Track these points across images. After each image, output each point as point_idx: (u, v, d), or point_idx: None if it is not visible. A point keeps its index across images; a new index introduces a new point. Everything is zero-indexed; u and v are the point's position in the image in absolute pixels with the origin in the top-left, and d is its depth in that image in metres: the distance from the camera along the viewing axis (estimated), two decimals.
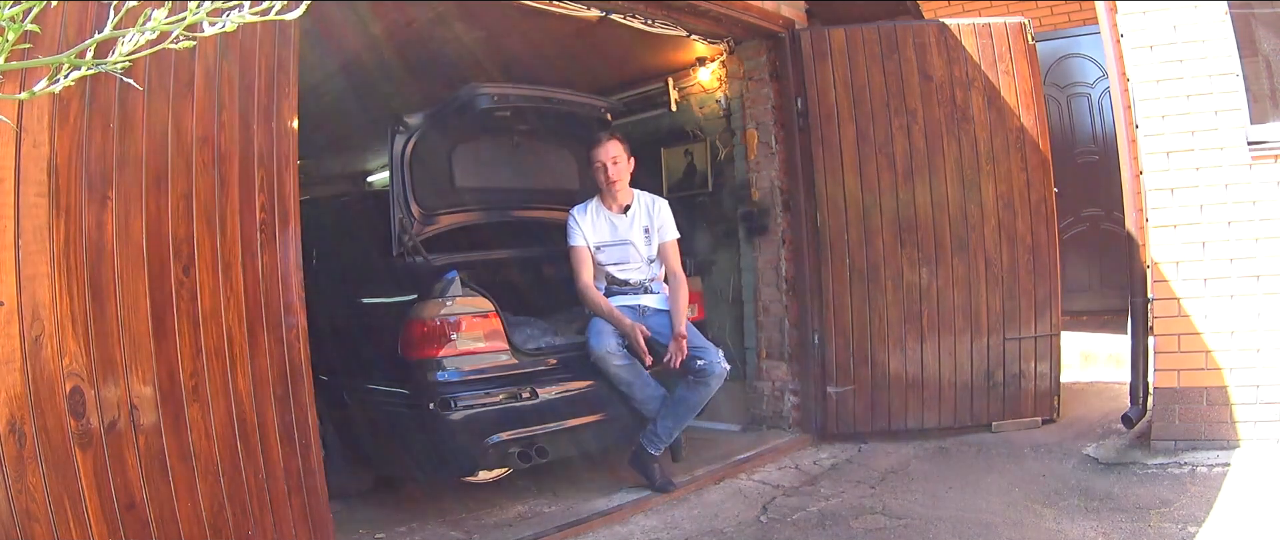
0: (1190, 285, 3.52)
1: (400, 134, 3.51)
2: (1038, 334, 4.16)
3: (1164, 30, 3.54)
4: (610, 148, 3.56)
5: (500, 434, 3.14)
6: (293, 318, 2.45)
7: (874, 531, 2.97)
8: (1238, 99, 3.45)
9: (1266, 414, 3.40)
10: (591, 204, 3.65)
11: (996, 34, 4.16)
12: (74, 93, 2.00)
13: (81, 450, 1.97)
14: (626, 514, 3.30)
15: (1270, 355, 3.40)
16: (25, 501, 1.87)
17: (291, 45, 2.48)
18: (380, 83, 4.72)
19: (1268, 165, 3.41)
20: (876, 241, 4.20)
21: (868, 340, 4.21)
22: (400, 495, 3.71)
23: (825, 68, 4.22)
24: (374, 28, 3.80)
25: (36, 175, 1.93)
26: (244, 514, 2.29)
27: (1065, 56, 5.88)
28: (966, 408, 4.18)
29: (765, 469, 3.85)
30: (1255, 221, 3.42)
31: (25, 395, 1.89)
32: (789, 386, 4.42)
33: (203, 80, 2.26)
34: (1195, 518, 2.82)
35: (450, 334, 3.12)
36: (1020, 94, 4.14)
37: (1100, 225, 5.82)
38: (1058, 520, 2.93)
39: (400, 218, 3.44)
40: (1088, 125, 5.91)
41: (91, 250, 2.03)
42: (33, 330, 1.91)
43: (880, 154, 4.17)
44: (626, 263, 3.61)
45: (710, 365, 3.41)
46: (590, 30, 4.00)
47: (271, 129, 2.42)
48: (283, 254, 2.44)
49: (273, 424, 2.38)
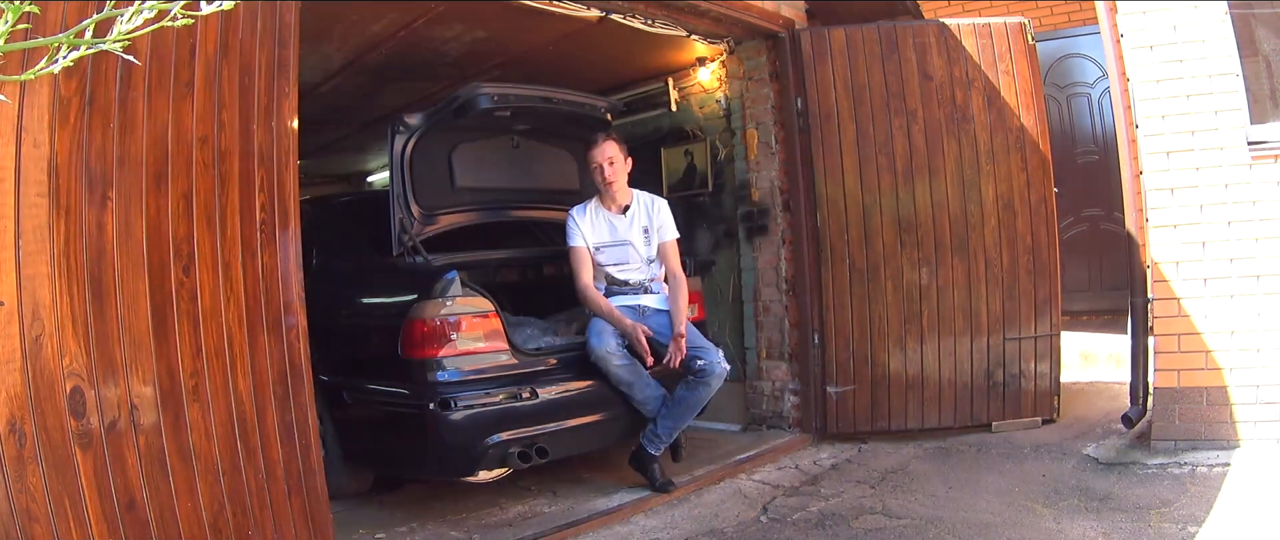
0: (1190, 285, 3.52)
1: (400, 134, 3.51)
2: (1038, 334, 4.16)
3: (1164, 30, 3.54)
4: (607, 148, 3.55)
5: (500, 434, 3.13)
6: (293, 318, 2.45)
7: (874, 531, 2.97)
8: (1238, 99, 3.45)
9: (1266, 414, 3.40)
10: (590, 204, 3.65)
11: (996, 34, 4.16)
12: (74, 93, 2.00)
13: (81, 450, 1.98)
14: (626, 514, 3.30)
15: (1270, 355, 3.40)
16: (25, 501, 1.87)
17: (291, 45, 2.48)
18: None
19: (1268, 165, 3.41)
20: (876, 241, 4.20)
21: (868, 340, 4.21)
22: (400, 495, 3.71)
23: (825, 68, 4.22)
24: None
25: (37, 175, 1.93)
26: (244, 514, 2.29)
27: (1065, 56, 5.88)
28: (966, 408, 4.18)
29: (765, 469, 3.85)
30: (1255, 221, 3.42)
31: (25, 395, 1.89)
32: (789, 386, 4.42)
33: (203, 80, 2.26)
34: (1195, 518, 2.82)
35: (450, 334, 3.12)
36: (1020, 94, 4.15)
37: (1100, 225, 5.83)
38: (1058, 520, 2.93)
39: (400, 218, 3.44)
40: (1088, 125, 5.91)
41: (91, 250, 2.03)
42: (33, 330, 1.91)
43: (880, 154, 4.17)
44: (626, 263, 3.60)
45: (710, 365, 3.41)
46: (590, 30, 4.00)
47: (271, 129, 2.42)
48: (283, 254, 2.44)
49: (273, 424, 2.38)
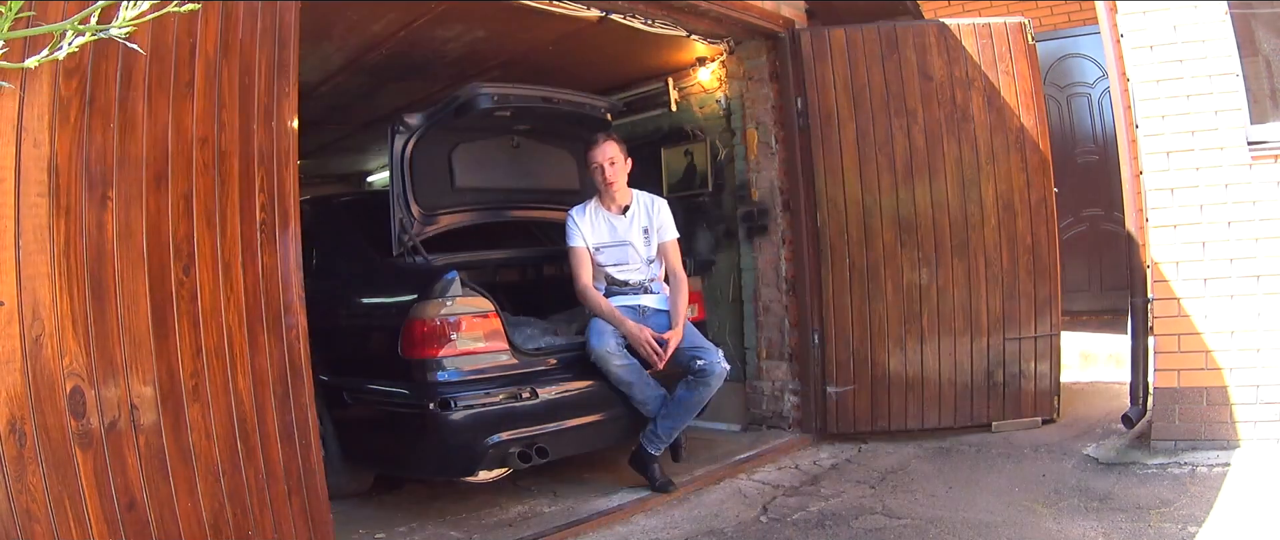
0: (1190, 285, 3.52)
1: (400, 134, 3.51)
2: (1038, 334, 4.16)
3: (1164, 30, 3.54)
4: (607, 148, 3.55)
5: (500, 434, 3.13)
6: (293, 318, 2.45)
7: (874, 531, 2.97)
8: (1238, 99, 3.45)
9: (1266, 414, 3.40)
10: (590, 205, 3.65)
11: (996, 34, 4.16)
12: (74, 93, 2.00)
13: (81, 450, 1.98)
14: (626, 514, 3.30)
15: (1270, 355, 3.40)
16: (25, 501, 1.87)
17: (292, 46, 2.48)
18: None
19: (1268, 165, 3.41)
20: (876, 241, 4.19)
21: (868, 340, 4.21)
22: (400, 495, 3.71)
23: (825, 68, 4.22)
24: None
25: (37, 175, 1.93)
26: (244, 514, 2.29)
27: (1065, 56, 5.88)
28: (966, 408, 4.18)
29: (765, 469, 3.85)
30: (1255, 221, 3.42)
31: (25, 395, 1.89)
32: (789, 386, 4.42)
33: (203, 80, 2.26)
34: (1195, 518, 2.82)
35: (450, 334, 3.12)
36: (1020, 94, 4.14)
37: (1100, 225, 5.83)
38: (1058, 520, 2.93)
39: (400, 218, 3.44)
40: (1088, 125, 5.91)
41: (91, 250, 2.03)
42: (33, 330, 1.91)
43: (880, 154, 4.17)
44: (626, 264, 3.60)
45: (710, 365, 3.41)
46: (590, 30, 3.99)
47: (271, 129, 2.42)
48: (283, 254, 2.44)
49: (273, 424, 2.38)
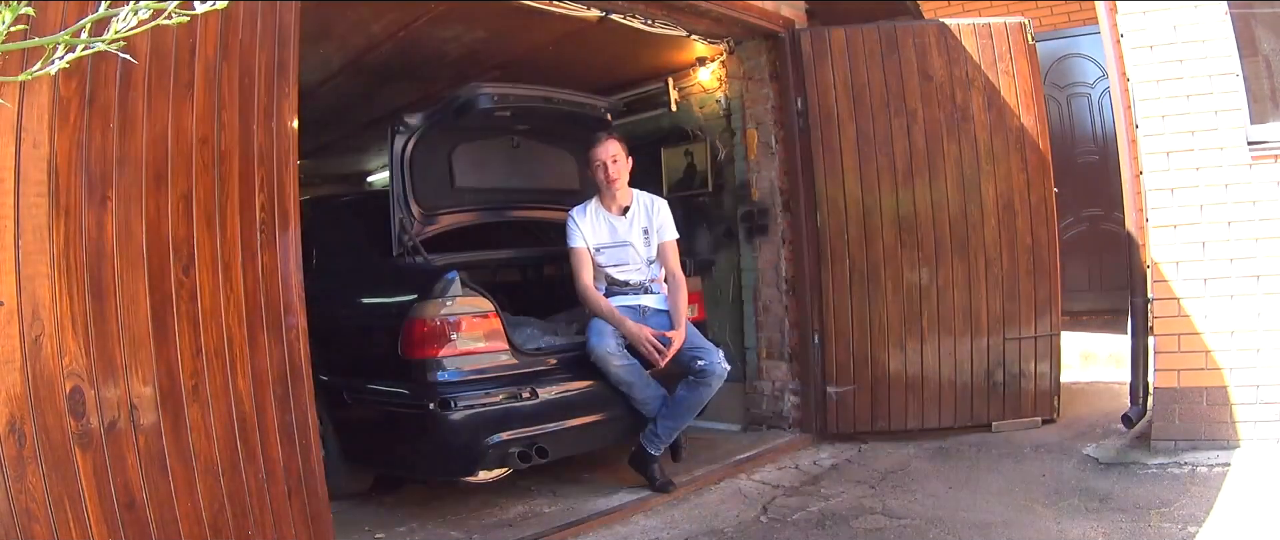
0: (1190, 285, 3.52)
1: (400, 133, 3.51)
2: (1038, 334, 4.16)
3: (1164, 30, 3.54)
4: (609, 147, 3.55)
5: (500, 434, 3.13)
6: (293, 318, 2.45)
7: (874, 531, 2.97)
8: (1238, 99, 3.45)
9: (1266, 414, 3.40)
10: (590, 205, 3.65)
11: (996, 34, 4.16)
12: (74, 93, 2.00)
13: (81, 450, 1.97)
14: (626, 514, 3.30)
15: (1270, 355, 3.40)
16: (25, 501, 1.87)
17: (291, 46, 2.47)
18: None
19: (1268, 165, 3.41)
20: (876, 241, 4.19)
21: (868, 340, 4.21)
22: (400, 495, 3.71)
23: (825, 68, 4.22)
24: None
25: (36, 175, 1.93)
26: (244, 514, 2.29)
27: (1065, 56, 5.88)
28: (966, 408, 4.18)
29: (765, 469, 3.84)
30: (1255, 221, 3.42)
31: (25, 395, 1.88)
32: (789, 386, 4.42)
33: (203, 80, 2.25)
34: (1195, 518, 2.82)
35: (450, 334, 3.11)
36: (1020, 94, 4.14)
37: (1100, 225, 5.82)
38: (1058, 520, 2.93)
39: (400, 218, 3.44)
40: (1088, 125, 5.91)
41: (91, 250, 2.03)
42: (33, 330, 1.91)
43: (880, 154, 4.17)
44: (626, 264, 3.60)
45: (710, 365, 3.41)
46: (590, 30, 3.99)
47: (271, 129, 2.42)
48: (283, 254, 2.44)
49: (273, 424, 2.38)
